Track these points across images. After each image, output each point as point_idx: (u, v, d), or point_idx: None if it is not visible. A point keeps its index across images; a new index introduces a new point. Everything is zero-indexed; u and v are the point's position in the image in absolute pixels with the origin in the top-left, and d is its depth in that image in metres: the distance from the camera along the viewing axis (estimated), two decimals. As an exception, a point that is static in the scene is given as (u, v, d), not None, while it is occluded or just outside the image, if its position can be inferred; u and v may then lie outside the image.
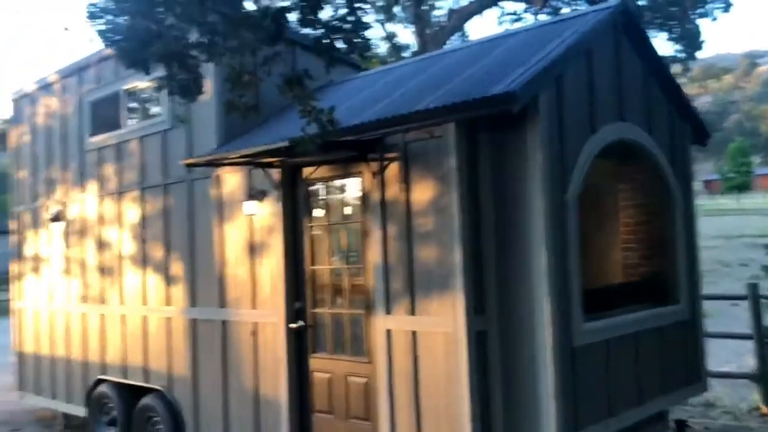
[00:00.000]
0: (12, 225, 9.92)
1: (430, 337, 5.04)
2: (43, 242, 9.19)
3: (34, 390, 9.40)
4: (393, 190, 5.30)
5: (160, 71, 4.45)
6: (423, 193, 5.12)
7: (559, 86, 4.95)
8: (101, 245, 8.16)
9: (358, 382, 5.64)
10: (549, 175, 4.77)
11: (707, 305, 15.34)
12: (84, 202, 8.42)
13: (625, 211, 6.62)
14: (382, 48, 29.89)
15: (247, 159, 5.68)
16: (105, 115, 8.17)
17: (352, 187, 5.72)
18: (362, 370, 5.59)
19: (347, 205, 5.79)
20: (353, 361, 5.69)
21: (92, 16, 3.87)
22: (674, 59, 21.51)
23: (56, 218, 8.84)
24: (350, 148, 5.40)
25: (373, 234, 5.43)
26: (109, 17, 3.81)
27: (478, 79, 5.11)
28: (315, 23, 4.37)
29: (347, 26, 4.37)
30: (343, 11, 4.35)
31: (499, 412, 4.91)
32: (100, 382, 8.13)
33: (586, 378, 4.94)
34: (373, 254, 5.43)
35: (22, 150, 9.70)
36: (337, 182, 5.85)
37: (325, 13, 4.44)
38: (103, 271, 8.13)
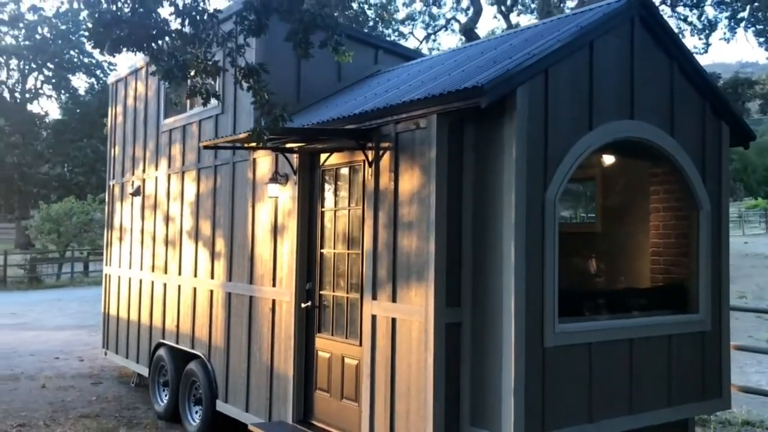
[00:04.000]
0: (106, 197, 10.91)
1: (407, 324, 5.13)
2: (126, 214, 10.05)
3: (114, 348, 10.32)
4: (384, 179, 5.42)
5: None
6: (408, 182, 5.20)
7: (547, 81, 4.85)
8: (166, 220, 8.83)
9: (351, 363, 5.83)
10: (526, 171, 4.71)
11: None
12: (156, 178, 9.13)
13: (656, 215, 6.33)
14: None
15: (244, 144, 5.96)
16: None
17: (355, 175, 5.88)
18: (355, 352, 5.76)
19: (351, 192, 5.96)
20: (348, 343, 5.88)
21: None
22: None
23: (136, 193, 9.63)
24: (350, 137, 5.56)
25: (367, 221, 5.58)
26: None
27: (468, 74, 5.11)
28: (291, 17, 4.58)
29: (321, 22, 4.55)
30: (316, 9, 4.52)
31: (467, 404, 4.94)
32: (160, 345, 8.82)
33: (558, 380, 4.84)
34: (366, 241, 5.58)
35: (116, 129, 10.63)
36: (344, 170, 6.03)
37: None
38: (167, 243, 8.80)
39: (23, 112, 44.03)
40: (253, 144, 6.06)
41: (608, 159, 6.49)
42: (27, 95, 44.93)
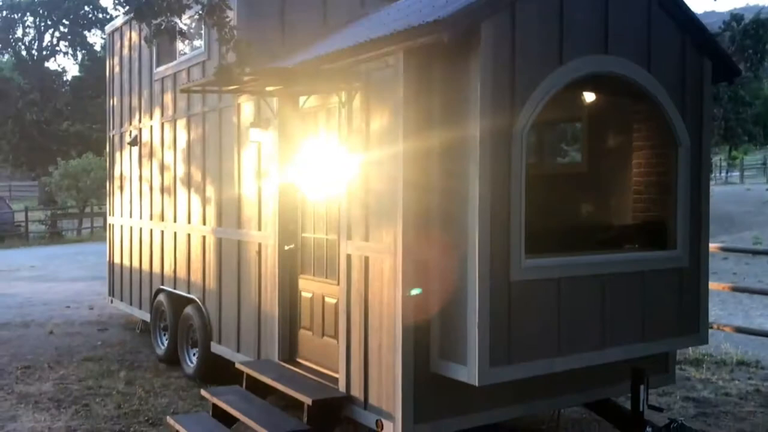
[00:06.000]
0: (107, 148, 11.06)
1: (378, 262, 5.21)
2: (126, 165, 10.19)
3: (119, 296, 10.59)
4: (357, 120, 5.45)
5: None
6: (379, 122, 5.22)
7: (514, 15, 4.80)
8: (162, 168, 8.95)
9: (330, 302, 5.95)
10: (491, 106, 4.70)
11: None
12: (151, 127, 9.23)
13: (638, 152, 6.30)
14: None
15: (221, 88, 6.00)
16: (166, 46, 8.81)
17: (331, 118, 5.91)
18: (334, 291, 5.87)
19: (328, 134, 5.99)
20: (328, 283, 6.00)
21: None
22: None
23: (134, 142, 9.75)
24: (323, 78, 5.57)
25: (342, 162, 5.62)
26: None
27: (436, 9, 5.05)
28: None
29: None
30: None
31: (436, 338, 5.03)
32: (159, 291, 9.03)
33: (525, 313, 4.91)
34: (342, 182, 5.63)
35: (114, 80, 10.71)
36: (321, 112, 6.06)
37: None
38: (163, 191, 8.93)
39: (41, 69, 44.33)
40: (231, 87, 6.12)
41: (592, 97, 6.43)
42: (44, 52, 45.14)
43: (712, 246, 10.31)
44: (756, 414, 7.29)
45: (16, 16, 42.82)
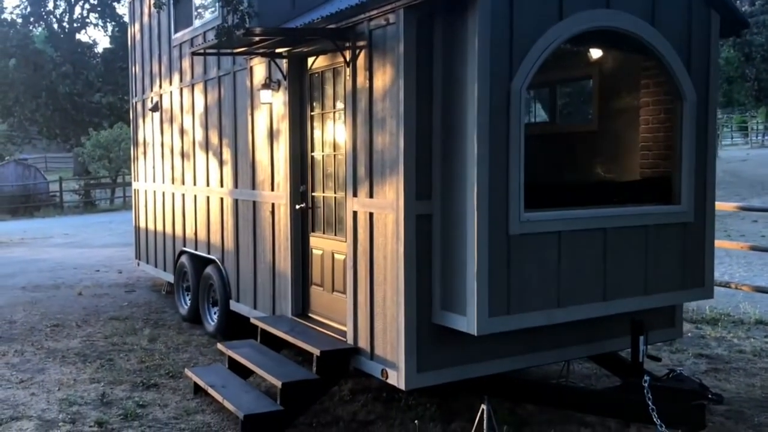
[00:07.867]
0: (130, 115, 11.30)
1: (382, 218, 5.34)
2: (149, 131, 10.42)
3: (145, 259, 10.91)
4: (360, 79, 5.54)
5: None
6: (381, 80, 5.31)
7: (512, -31, 4.84)
8: (182, 133, 9.15)
9: (339, 259, 6.11)
10: (489, 61, 4.76)
11: None
12: (171, 93, 9.41)
13: (645, 109, 6.30)
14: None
15: (233, 50, 6.13)
16: (183, 12, 8.97)
17: (338, 77, 6.01)
18: (343, 248, 6.02)
19: (335, 94, 6.10)
20: (337, 240, 6.15)
21: None
22: None
23: (155, 108, 9.96)
24: (327, 37, 5.66)
25: (347, 121, 5.74)
26: None
27: (435, -35, 5.10)
28: None
29: None
30: None
31: (438, 290, 5.16)
32: (182, 253, 9.29)
33: (525, 266, 5.01)
34: (347, 141, 5.75)
35: (135, 47, 10.90)
36: (328, 73, 6.16)
37: None
38: (183, 156, 9.15)
39: (72, 41, 44.76)
40: (240, 49, 6.25)
41: (599, 53, 6.44)
42: (75, 24, 45.57)
43: (730, 205, 10.27)
44: (768, 370, 7.33)
45: (46, -11, 43.26)
